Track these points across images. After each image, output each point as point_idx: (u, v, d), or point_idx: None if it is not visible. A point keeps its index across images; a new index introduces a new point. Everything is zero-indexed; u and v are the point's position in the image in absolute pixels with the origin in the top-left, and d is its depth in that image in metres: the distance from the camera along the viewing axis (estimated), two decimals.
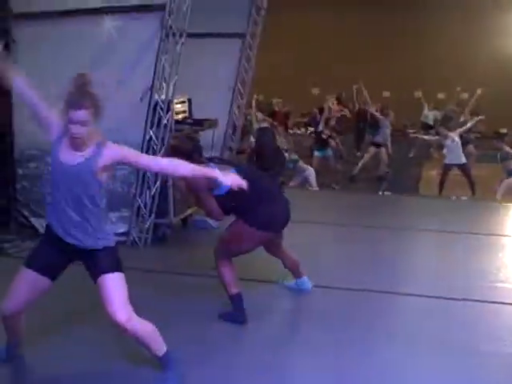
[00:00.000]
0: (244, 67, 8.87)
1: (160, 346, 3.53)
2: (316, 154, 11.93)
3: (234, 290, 4.56)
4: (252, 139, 9.84)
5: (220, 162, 4.64)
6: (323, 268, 5.72)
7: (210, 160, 4.55)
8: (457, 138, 10.56)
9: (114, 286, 3.36)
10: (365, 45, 19.76)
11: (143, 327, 3.43)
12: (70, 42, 6.22)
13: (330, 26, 20.33)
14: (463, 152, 10.65)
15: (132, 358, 3.81)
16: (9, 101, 6.45)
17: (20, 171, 6.59)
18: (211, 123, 7.02)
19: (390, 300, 5.09)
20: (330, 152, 11.96)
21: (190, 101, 7.12)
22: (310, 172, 10.48)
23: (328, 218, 7.72)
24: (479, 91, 12.60)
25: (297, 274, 5.14)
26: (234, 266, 4.58)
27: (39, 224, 6.56)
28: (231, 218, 4.59)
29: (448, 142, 10.62)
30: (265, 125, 10.28)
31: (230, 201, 4.25)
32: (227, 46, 8.73)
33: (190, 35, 8.58)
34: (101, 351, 3.97)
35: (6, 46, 6.29)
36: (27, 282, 3.43)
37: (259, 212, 4.38)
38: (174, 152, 4.33)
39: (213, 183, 3.98)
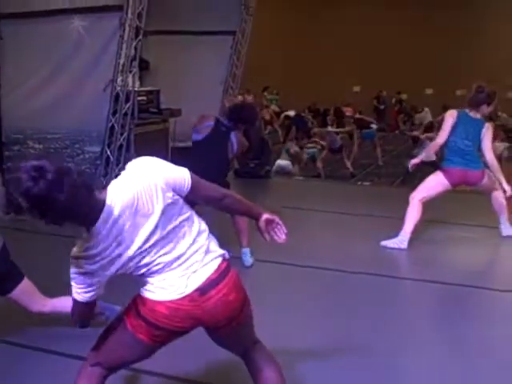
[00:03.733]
0: (235, 63, 9.48)
1: None
2: None
3: None
4: None
5: None
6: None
7: None
8: None
9: None
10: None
11: None
12: (47, 38, 7.04)
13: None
14: None
15: None
16: None
17: (6, 153, 7.45)
18: (172, 112, 7.67)
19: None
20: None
21: (158, 92, 7.79)
22: None
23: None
24: None
25: (240, 242, 5.39)
26: None
27: None
28: None
29: None
30: None
31: None
32: (218, 43, 9.37)
33: (182, 33, 9.35)
34: None
35: None
36: None
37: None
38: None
39: None
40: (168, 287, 2.41)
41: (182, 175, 2.41)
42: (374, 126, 14.72)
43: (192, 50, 9.24)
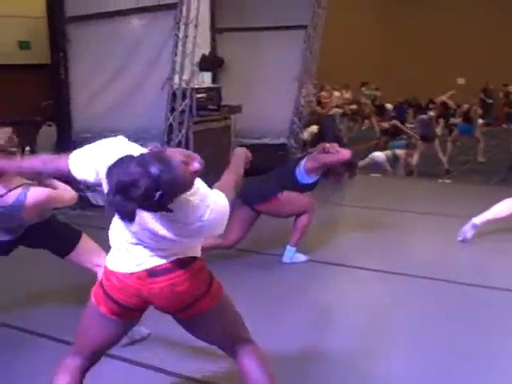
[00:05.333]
0: (308, 58, 9.27)
1: None
2: None
3: None
4: None
5: None
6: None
7: None
8: None
9: None
10: None
11: None
12: (109, 39, 7.25)
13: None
14: None
15: None
16: (68, 93, 7.65)
17: None
18: (231, 109, 7.61)
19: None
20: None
21: (218, 89, 7.75)
22: None
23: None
24: None
25: (289, 239, 5.38)
26: None
27: (93, 197, 7.66)
28: None
29: None
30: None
31: None
32: (292, 38, 9.21)
33: (255, 29, 9.29)
34: None
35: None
36: None
37: None
38: None
39: None
40: (123, 259, 2.46)
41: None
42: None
43: (266, 46, 9.18)
